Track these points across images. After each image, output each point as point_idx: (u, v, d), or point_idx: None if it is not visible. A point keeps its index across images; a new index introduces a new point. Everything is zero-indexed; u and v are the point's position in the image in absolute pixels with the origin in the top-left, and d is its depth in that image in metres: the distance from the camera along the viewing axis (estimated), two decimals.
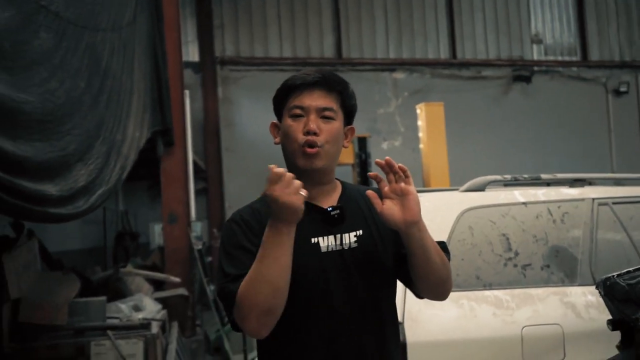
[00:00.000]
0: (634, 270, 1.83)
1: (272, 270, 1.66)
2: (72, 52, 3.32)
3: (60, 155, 3.13)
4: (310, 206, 1.86)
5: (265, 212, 1.82)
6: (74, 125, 3.32)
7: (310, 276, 1.78)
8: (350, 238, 1.86)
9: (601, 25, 15.07)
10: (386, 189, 1.77)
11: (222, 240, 1.86)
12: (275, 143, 1.92)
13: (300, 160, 1.82)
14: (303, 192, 1.66)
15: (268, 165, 1.66)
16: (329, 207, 1.86)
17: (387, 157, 1.76)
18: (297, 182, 1.65)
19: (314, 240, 1.83)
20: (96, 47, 3.87)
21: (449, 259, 1.91)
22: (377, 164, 1.77)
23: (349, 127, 1.94)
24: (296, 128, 1.82)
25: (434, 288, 1.90)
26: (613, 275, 1.84)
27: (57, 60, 3.09)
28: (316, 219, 1.85)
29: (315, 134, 1.81)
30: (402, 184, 1.75)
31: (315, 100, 1.83)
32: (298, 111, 1.83)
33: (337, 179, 1.97)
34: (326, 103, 1.84)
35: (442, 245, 1.94)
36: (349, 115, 1.92)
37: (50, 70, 2.99)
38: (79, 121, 3.43)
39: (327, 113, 1.84)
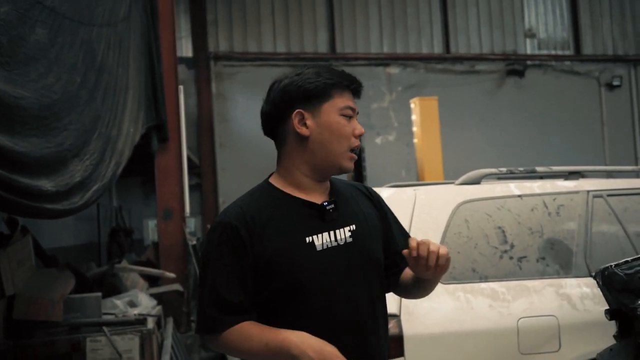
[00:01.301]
0: (632, 260, 1.85)
1: (258, 356, 1.74)
2: (68, 47, 3.31)
3: (56, 151, 3.11)
4: (301, 202, 1.84)
5: (255, 212, 1.80)
6: (71, 121, 3.31)
7: (306, 277, 1.76)
8: (345, 233, 1.83)
9: (594, 18, 15.10)
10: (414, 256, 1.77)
11: (209, 249, 1.81)
12: (304, 135, 1.83)
13: (347, 163, 1.85)
14: None
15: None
16: (324, 201, 1.84)
17: (420, 241, 1.77)
18: None
19: (308, 239, 1.79)
20: (92, 42, 3.86)
21: None
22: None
23: None
24: (349, 129, 1.85)
25: (416, 297, 2.07)
26: (611, 265, 1.85)
27: (53, 56, 3.08)
28: (307, 216, 1.82)
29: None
30: (441, 264, 1.76)
31: (354, 104, 1.90)
32: (350, 112, 1.86)
33: None
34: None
35: None
36: None
37: (47, 66, 2.98)
38: (76, 116, 3.42)
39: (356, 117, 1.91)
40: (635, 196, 3.68)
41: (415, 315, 3.06)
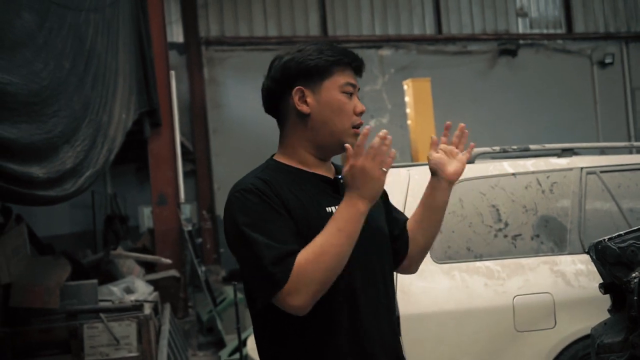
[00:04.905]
0: (625, 234, 1.85)
1: (343, 245, 1.63)
2: (55, 33, 3.27)
3: (46, 138, 3.09)
4: (315, 176, 1.84)
5: (274, 181, 1.74)
6: (60, 107, 3.29)
7: None
8: None
9: None
10: (444, 144, 1.95)
11: (239, 214, 1.70)
12: (304, 112, 1.80)
13: (351, 139, 1.80)
14: (385, 169, 1.68)
15: (345, 145, 1.71)
16: (338, 175, 1.85)
17: (462, 124, 1.98)
18: (383, 158, 1.69)
19: (328, 209, 1.77)
20: (80, 28, 3.82)
21: None
22: (446, 127, 1.99)
23: None
24: (350, 106, 1.82)
25: (424, 252, 2.02)
26: (604, 239, 1.86)
27: (41, 41, 3.05)
28: (325, 190, 1.82)
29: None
30: (465, 156, 1.95)
31: (356, 81, 1.86)
32: (351, 89, 1.82)
33: None
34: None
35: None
36: None
37: (35, 51, 2.95)
38: (65, 103, 3.39)
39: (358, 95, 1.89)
40: (628, 172, 3.68)
41: (411, 295, 3.07)
